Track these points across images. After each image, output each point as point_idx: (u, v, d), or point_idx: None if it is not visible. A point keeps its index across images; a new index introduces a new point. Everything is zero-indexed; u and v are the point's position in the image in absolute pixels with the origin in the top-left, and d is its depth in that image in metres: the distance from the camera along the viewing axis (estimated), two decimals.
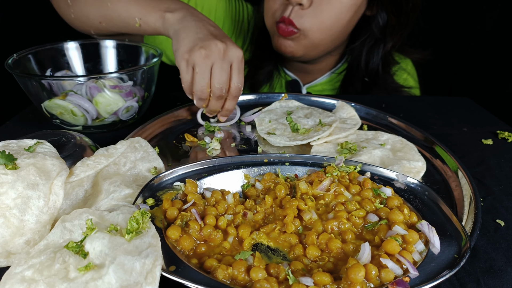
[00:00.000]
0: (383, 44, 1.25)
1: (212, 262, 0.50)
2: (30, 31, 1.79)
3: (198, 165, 0.67)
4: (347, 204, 0.61)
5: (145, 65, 0.91)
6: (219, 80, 0.82)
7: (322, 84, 1.38)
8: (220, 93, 0.84)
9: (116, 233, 0.49)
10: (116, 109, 0.89)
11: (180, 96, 0.94)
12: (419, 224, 0.56)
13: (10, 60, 0.88)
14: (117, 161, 0.70)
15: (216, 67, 0.82)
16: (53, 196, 0.58)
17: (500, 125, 1.04)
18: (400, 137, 0.87)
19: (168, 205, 0.58)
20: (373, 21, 1.21)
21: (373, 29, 1.22)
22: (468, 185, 0.71)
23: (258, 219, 0.60)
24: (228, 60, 0.83)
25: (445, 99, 1.23)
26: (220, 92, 0.84)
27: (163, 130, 0.93)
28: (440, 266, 0.49)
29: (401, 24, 1.21)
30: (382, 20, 1.20)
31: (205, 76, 0.82)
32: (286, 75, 1.38)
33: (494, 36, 1.83)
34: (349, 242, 0.55)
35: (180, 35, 0.86)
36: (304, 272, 0.50)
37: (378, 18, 1.20)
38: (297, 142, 0.84)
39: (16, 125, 0.96)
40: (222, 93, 0.84)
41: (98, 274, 0.44)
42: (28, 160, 0.59)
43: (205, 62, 0.81)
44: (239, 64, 0.84)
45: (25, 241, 0.54)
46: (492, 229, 0.64)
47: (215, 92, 0.84)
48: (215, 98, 0.85)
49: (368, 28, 1.23)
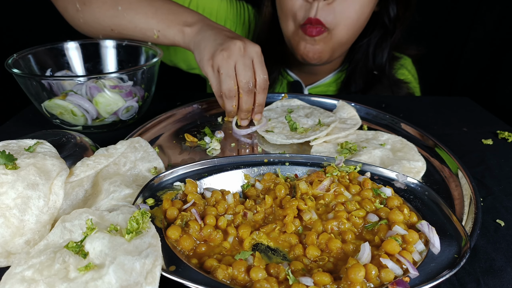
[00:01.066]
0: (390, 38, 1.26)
1: (212, 262, 0.50)
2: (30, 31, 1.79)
3: (198, 165, 0.67)
4: (347, 204, 0.60)
5: (145, 65, 0.91)
6: (245, 75, 0.85)
7: (324, 85, 1.38)
8: (248, 88, 0.87)
9: (116, 233, 0.49)
10: (116, 109, 0.89)
11: (180, 96, 0.95)
12: (419, 224, 0.56)
13: (10, 60, 0.88)
14: (117, 161, 0.70)
15: (239, 64, 0.85)
16: (53, 196, 0.58)
17: (500, 125, 1.04)
18: (400, 137, 0.87)
19: (168, 205, 0.58)
20: (385, 14, 1.22)
21: (385, 22, 1.23)
22: (468, 185, 0.71)
23: (258, 219, 0.60)
24: (249, 56, 0.86)
25: (445, 99, 1.23)
26: (247, 86, 0.86)
27: (163, 130, 0.93)
28: (440, 266, 0.49)
29: (406, 17, 1.24)
30: (393, 13, 1.21)
31: (230, 75, 0.85)
32: (288, 76, 1.38)
33: (494, 36, 1.83)
34: (349, 242, 0.55)
35: (200, 45, 0.91)
36: (304, 272, 0.50)
37: (390, 10, 1.21)
38: (294, 141, 0.84)
39: (16, 125, 0.96)
40: (249, 87, 0.87)
41: (98, 274, 0.44)
42: (28, 160, 0.59)
43: (228, 62, 0.85)
44: (260, 58, 0.88)
45: (25, 241, 0.54)
46: (492, 229, 0.64)
47: (243, 87, 0.86)
48: (245, 93, 0.87)
49: (377, 23, 1.24)
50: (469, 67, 1.96)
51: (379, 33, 1.26)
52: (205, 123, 0.97)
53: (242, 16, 1.36)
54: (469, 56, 1.94)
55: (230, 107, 0.90)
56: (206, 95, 1.17)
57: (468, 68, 1.96)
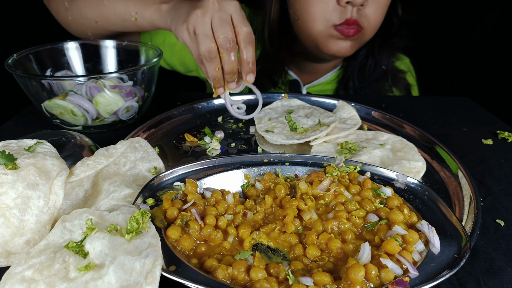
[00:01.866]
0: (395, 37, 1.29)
1: (212, 262, 0.50)
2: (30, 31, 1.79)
3: (198, 165, 0.67)
4: (347, 204, 0.60)
5: (145, 65, 0.91)
6: (222, 31, 0.78)
7: (322, 84, 1.38)
8: (227, 44, 0.78)
9: (116, 233, 0.49)
10: (116, 109, 0.89)
11: (180, 96, 0.95)
12: (419, 224, 0.56)
13: (10, 60, 0.88)
14: (117, 161, 0.70)
15: (215, 20, 0.78)
16: (53, 196, 0.58)
17: (500, 125, 1.04)
18: (400, 137, 0.87)
19: (168, 205, 0.58)
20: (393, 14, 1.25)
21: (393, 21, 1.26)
22: (468, 185, 0.71)
23: (258, 219, 0.60)
24: (226, 11, 0.79)
25: (445, 99, 1.23)
26: (227, 42, 0.78)
27: (163, 130, 0.93)
28: (440, 266, 0.49)
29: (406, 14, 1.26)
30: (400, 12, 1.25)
31: (207, 34, 0.78)
32: (287, 75, 1.38)
33: (494, 36, 1.83)
34: (349, 242, 0.55)
35: (176, 17, 0.87)
36: (304, 272, 0.50)
37: (398, 10, 1.24)
38: (294, 141, 0.84)
39: (16, 125, 0.96)
40: (229, 44, 0.78)
41: (98, 274, 0.44)
42: (28, 160, 0.59)
43: (204, 20, 0.78)
44: (239, 12, 0.80)
45: (25, 241, 0.54)
46: (492, 229, 0.64)
47: (222, 44, 0.78)
48: (226, 51, 0.79)
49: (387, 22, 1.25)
50: (469, 67, 1.96)
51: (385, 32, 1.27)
52: (205, 123, 0.97)
53: None
54: (469, 56, 1.94)
55: (213, 70, 0.81)
56: (206, 95, 1.16)
57: (468, 68, 1.96)
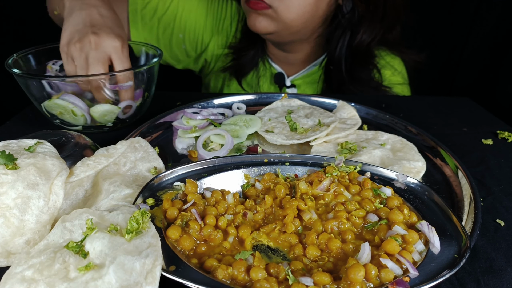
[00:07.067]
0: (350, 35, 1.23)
1: (212, 262, 0.50)
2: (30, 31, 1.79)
3: (198, 165, 0.67)
4: (347, 204, 0.60)
5: (145, 65, 0.91)
6: (94, 69, 0.84)
7: (303, 77, 1.38)
8: (98, 84, 0.85)
9: (116, 233, 0.49)
10: (114, 117, 0.90)
11: (180, 96, 0.95)
12: (419, 224, 0.56)
13: (10, 60, 0.88)
14: (117, 161, 0.70)
15: (90, 57, 0.84)
16: (53, 196, 0.58)
17: (500, 125, 1.04)
18: (400, 137, 0.87)
19: (168, 205, 0.58)
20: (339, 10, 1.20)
21: (339, 17, 1.21)
22: (468, 185, 0.71)
23: (258, 219, 0.60)
24: (103, 51, 0.85)
25: (445, 99, 1.23)
26: (96, 83, 0.85)
27: (163, 130, 0.93)
28: (440, 266, 0.49)
29: (372, 13, 1.19)
30: (347, 8, 1.19)
31: (84, 68, 0.85)
32: (272, 68, 1.39)
33: (494, 36, 1.83)
34: (349, 242, 0.55)
35: (64, 25, 0.89)
36: (304, 272, 0.50)
37: (344, 6, 1.19)
38: (294, 141, 0.84)
39: (16, 125, 0.96)
40: (99, 84, 0.85)
41: (98, 274, 0.44)
42: (28, 160, 0.59)
43: (81, 56, 0.84)
44: (119, 54, 0.86)
45: (25, 241, 0.54)
46: (492, 229, 0.64)
47: (92, 83, 0.85)
48: (94, 89, 0.86)
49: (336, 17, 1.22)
50: (469, 67, 1.96)
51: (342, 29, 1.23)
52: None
53: (223, 11, 1.38)
54: (469, 56, 1.93)
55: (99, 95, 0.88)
56: (206, 95, 1.16)
57: (468, 68, 1.96)
